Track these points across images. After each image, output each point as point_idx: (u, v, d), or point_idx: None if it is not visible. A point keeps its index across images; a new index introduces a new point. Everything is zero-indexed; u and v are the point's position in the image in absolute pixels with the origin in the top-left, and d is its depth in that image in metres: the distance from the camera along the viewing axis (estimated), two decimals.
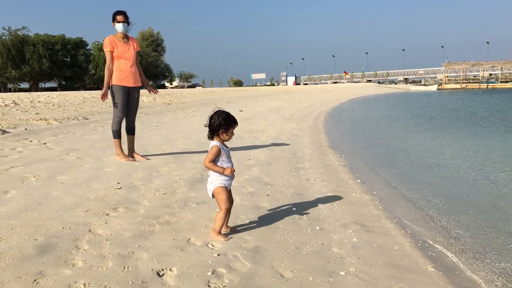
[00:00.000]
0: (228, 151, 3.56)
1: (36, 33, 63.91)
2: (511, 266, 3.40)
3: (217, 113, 3.48)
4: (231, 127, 3.46)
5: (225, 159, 3.51)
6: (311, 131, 12.35)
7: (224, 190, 3.50)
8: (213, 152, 3.45)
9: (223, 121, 3.43)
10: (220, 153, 3.47)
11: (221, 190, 3.49)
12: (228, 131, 3.46)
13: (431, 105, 27.88)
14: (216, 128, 3.45)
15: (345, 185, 5.76)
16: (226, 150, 3.53)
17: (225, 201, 3.49)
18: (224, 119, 3.43)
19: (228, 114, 3.49)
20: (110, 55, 6.24)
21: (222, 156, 3.49)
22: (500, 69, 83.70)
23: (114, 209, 4.16)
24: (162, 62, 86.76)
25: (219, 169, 3.46)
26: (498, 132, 12.41)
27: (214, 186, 3.51)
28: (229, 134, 3.48)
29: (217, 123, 3.43)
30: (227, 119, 3.45)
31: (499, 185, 6.06)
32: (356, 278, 2.95)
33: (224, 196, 3.49)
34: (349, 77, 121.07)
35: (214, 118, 3.46)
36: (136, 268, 2.89)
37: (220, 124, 3.43)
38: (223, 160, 3.51)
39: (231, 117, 3.49)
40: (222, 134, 3.46)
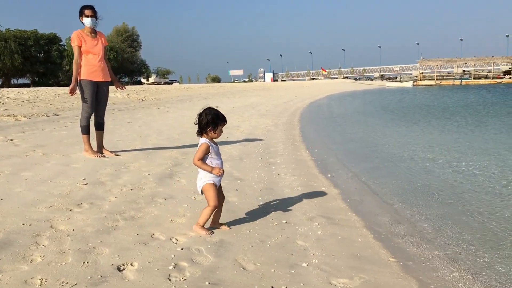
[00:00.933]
0: (217, 148, 3.55)
1: (7, 28, 62.44)
2: (470, 258, 3.49)
3: (205, 111, 3.47)
4: (219, 125, 3.46)
5: (214, 156, 3.51)
6: (286, 127, 12.40)
7: (212, 187, 3.49)
8: (201, 149, 3.45)
9: (211, 119, 3.42)
10: (209, 150, 3.47)
11: (209, 187, 3.49)
12: (216, 129, 3.46)
13: (406, 101, 28.31)
14: (204, 126, 3.44)
15: (315, 180, 5.81)
16: (215, 147, 3.53)
17: (213, 198, 3.48)
18: (212, 117, 3.43)
19: (216, 112, 3.48)
20: (78, 49, 6.14)
21: (211, 153, 3.49)
22: (473, 65, 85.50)
23: (78, 205, 4.10)
24: (138, 58, 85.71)
25: (207, 168, 3.46)
26: (467, 126, 12.68)
27: (203, 183, 3.51)
28: (217, 132, 3.47)
29: (205, 121, 3.43)
30: (215, 118, 3.44)
31: (464, 178, 6.20)
32: (318, 269, 2.98)
33: (213, 193, 3.48)
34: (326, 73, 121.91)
35: (202, 116, 3.45)
36: (96, 263, 2.87)
37: (208, 122, 3.42)
38: (212, 157, 3.50)
39: (220, 115, 3.48)
40: (210, 132, 3.46)
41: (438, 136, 10.95)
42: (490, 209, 4.71)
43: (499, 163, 7.14)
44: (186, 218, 3.90)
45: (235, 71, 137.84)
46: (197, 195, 4.66)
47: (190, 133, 9.65)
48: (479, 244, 3.77)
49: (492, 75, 79.42)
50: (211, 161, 3.50)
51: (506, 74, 79.05)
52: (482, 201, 5.03)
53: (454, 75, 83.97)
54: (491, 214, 4.55)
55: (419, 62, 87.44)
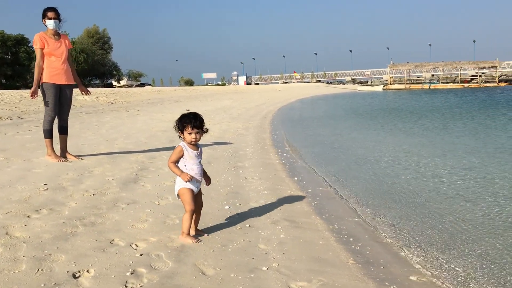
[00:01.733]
0: (194, 153, 3.46)
1: None
2: (428, 260, 3.57)
3: (180, 117, 3.42)
4: (186, 128, 3.37)
5: (188, 161, 3.45)
6: (257, 131, 12.44)
7: (188, 192, 3.44)
8: (175, 152, 3.42)
9: (177, 123, 3.39)
10: (182, 154, 3.42)
11: (185, 192, 3.44)
12: (183, 133, 3.39)
13: (375, 105, 28.80)
14: (177, 131, 3.41)
15: (282, 183, 5.84)
16: (192, 152, 3.44)
17: (188, 203, 3.43)
18: (178, 120, 3.39)
19: (184, 115, 3.41)
20: (40, 52, 6.01)
21: (185, 157, 3.43)
22: (442, 70, 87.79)
23: (36, 211, 4.00)
24: (109, 60, 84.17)
25: (177, 172, 3.42)
26: (432, 129, 12.98)
27: (179, 187, 3.47)
28: (189, 136, 3.38)
29: (175, 125, 3.41)
30: (179, 120, 3.39)
31: (427, 181, 6.34)
32: (277, 273, 3.00)
33: (188, 198, 3.43)
34: (299, 77, 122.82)
35: (175, 121, 3.43)
36: (51, 270, 2.80)
37: (176, 127, 3.40)
38: (186, 161, 3.45)
39: (183, 117, 3.40)
40: (182, 135, 3.41)
41: (404, 139, 11.18)
42: (451, 212, 4.83)
43: (462, 166, 7.34)
44: (148, 224, 3.86)
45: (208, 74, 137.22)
46: (161, 200, 4.62)
47: (158, 137, 9.56)
48: (438, 246, 3.86)
49: (460, 80, 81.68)
50: (185, 165, 3.45)
51: (472, 79, 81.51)
52: (444, 204, 5.16)
53: (423, 80, 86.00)
54: (452, 216, 4.67)
55: (389, 66, 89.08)
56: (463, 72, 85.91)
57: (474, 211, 4.85)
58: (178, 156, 3.43)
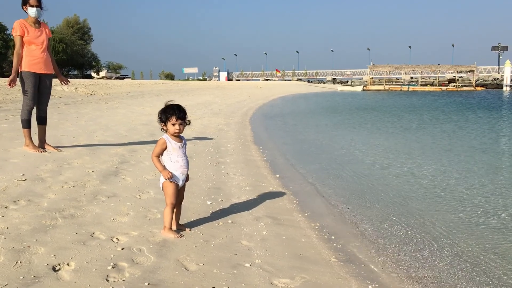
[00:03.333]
0: (179, 145, 3.43)
1: None
2: (408, 259, 3.62)
3: (165, 107, 3.37)
4: (169, 119, 3.33)
5: (173, 153, 3.41)
6: (238, 127, 12.42)
7: (172, 185, 3.41)
8: (158, 144, 3.39)
9: (161, 114, 3.34)
10: (165, 146, 3.38)
11: (169, 185, 3.41)
12: (167, 124, 3.35)
13: (355, 105, 29.06)
14: (160, 123, 3.37)
15: (264, 180, 5.84)
16: (176, 144, 3.41)
17: (170, 196, 3.41)
18: (161, 111, 3.34)
19: (168, 106, 3.36)
20: (20, 39, 5.86)
21: (168, 149, 3.40)
22: (421, 72, 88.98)
23: (14, 201, 3.91)
24: (88, 51, 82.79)
25: (159, 167, 3.38)
26: (410, 130, 13.17)
27: (163, 180, 3.43)
28: (172, 127, 3.34)
29: (158, 118, 3.36)
30: (162, 111, 3.35)
31: (406, 180, 6.43)
32: (260, 269, 3.00)
33: (171, 191, 3.40)
34: (280, 74, 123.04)
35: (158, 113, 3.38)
36: (30, 263, 2.74)
37: (160, 117, 3.35)
38: (170, 154, 3.41)
39: (167, 108, 3.36)
40: (164, 127, 3.37)
41: (383, 139, 11.31)
42: (430, 210, 4.92)
43: (440, 166, 7.47)
44: (129, 217, 3.81)
45: (189, 69, 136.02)
46: (142, 194, 4.57)
47: (139, 130, 9.46)
48: (417, 244, 3.92)
49: (438, 83, 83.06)
50: (170, 157, 3.42)
51: (450, 82, 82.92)
52: (423, 203, 5.24)
53: (402, 81, 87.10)
54: (431, 215, 4.74)
55: (370, 67, 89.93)
56: (441, 75, 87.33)
57: (452, 210, 4.94)
58: (161, 149, 3.40)
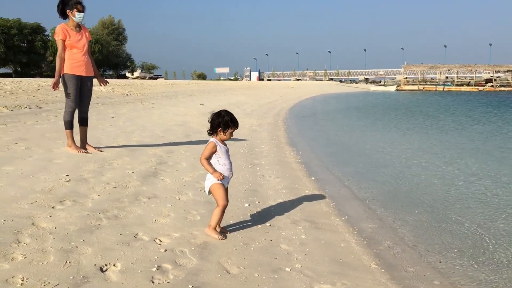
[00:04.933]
0: (225, 149, 3.59)
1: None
2: (450, 266, 3.55)
3: (219, 113, 3.54)
4: (230, 128, 3.51)
5: (221, 156, 3.55)
6: (271, 128, 12.44)
7: (221, 187, 3.52)
8: (208, 148, 3.51)
9: (223, 122, 3.49)
10: (215, 150, 3.52)
11: (218, 187, 3.51)
12: (226, 131, 3.52)
13: (389, 105, 28.62)
14: (216, 126, 3.51)
15: (299, 183, 5.83)
16: (224, 148, 3.57)
17: (222, 198, 3.51)
18: (225, 120, 3.49)
19: (229, 116, 3.53)
20: (62, 43, 6.05)
21: (218, 153, 3.53)
22: (456, 72, 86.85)
23: (60, 202, 4.04)
24: (123, 51, 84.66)
25: (209, 169, 3.51)
26: (449, 132, 12.87)
27: (211, 183, 3.53)
28: (227, 134, 3.53)
29: (217, 122, 3.50)
30: (227, 121, 3.50)
31: (445, 185, 6.30)
32: (301, 274, 3.00)
33: (221, 193, 3.51)
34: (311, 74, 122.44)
35: (215, 116, 3.52)
36: (78, 263, 2.83)
37: (220, 123, 3.49)
38: (219, 157, 3.54)
39: (233, 119, 3.54)
40: (220, 132, 3.52)
41: (417, 140, 11.10)
42: (471, 217, 4.81)
43: (479, 169, 7.27)
44: (170, 219, 3.88)
45: (221, 69, 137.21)
46: (181, 195, 4.65)
47: (174, 131, 9.60)
48: (459, 252, 3.84)
49: (474, 83, 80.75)
50: (218, 160, 3.55)
51: (487, 82, 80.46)
52: (463, 208, 5.12)
53: (437, 81, 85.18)
54: (472, 222, 4.64)
55: (403, 67, 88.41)
56: (477, 75, 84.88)
57: (495, 217, 4.81)
58: (211, 152, 3.52)
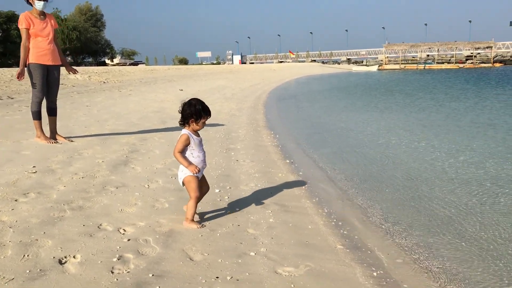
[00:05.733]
0: (199, 140, 3.49)
1: None
2: (415, 243, 3.59)
3: (190, 102, 3.39)
4: (202, 117, 3.40)
5: (195, 148, 3.45)
6: (250, 111, 12.38)
7: (194, 179, 3.45)
8: (181, 141, 3.39)
9: (194, 111, 3.36)
10: (188, 142, 3.41)
11: (191, 179, 3.44)
12: (198, 121, 3.40)
13: (370, 85, 28.71)
14: (187, 117, 3.38)
15: (273, 166, 5.82)
16: (197, 139, 3.47)
17: (194, 190, 3.44)
18: (196, 109, 3.36)
19: (201, 105, 3.40)
20: (26, 32, 5.90)
21: (191, 145, 3.43)
22: (437, 50, 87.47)
23: (24, 194, 3.96)
24: (102, 38, 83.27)
25: (184, 163, 3.41)
26: (424, 110, 12.97)
27: (185, 175, 3.46)
28: (199, 124, 3.42)
29: (188, 112, 3.36)
30: (199, 110, 3.37)
31: (419, 163, 6.35)
32: (265, 258, 3.00)
33: (194, 185, 3.44)
34: (294, 56, 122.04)
35: (185, 106, 3.39)
36: (37, 256, 2.78)
37: (191, 113, 3.36)
38: (192, 149, 3.45)
39: (204, 108, 3.41)
40: (192, 123, 3.40)
41: (396, 120, 11.16)
42: (440, 195, 4.85)
43: (453, 147, 7.35)
44: (137, 208, 3.84)
45: (203, 53, 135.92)
46: (150, 183, 4.60)
47: (150, 118, 9.49)
48: (426, 229, 3.88)
49: (455, 60, 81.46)
50: (192, 153, 3.46)
51: (467, 59, 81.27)
52: (434, 187, 5.16)
53: (418, 60, 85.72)
54: (441, 200, 4.68)
55: (385, 46, 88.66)
56: (458, 52, 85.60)
57: (463, 195, 4.86)
58: (184, 145, 3.42)
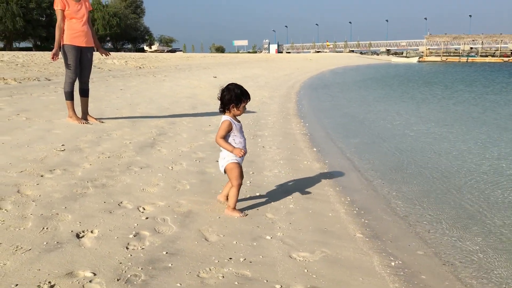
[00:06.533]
0: (240, 125, 3.43)
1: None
2: (438, 236, 3.46)
3: (228, 87, 3.34)
4: (242, 102, 3.33)
5: (237, 134, 3.39)
6: (282, 100, 12.30)
7: (236, 166, 3.39)
8: (223, 127, 3.33)
9: (234, 96, 3.29)
10: (231, 128, 3.35)
11: (234, 166, 3.39)
12: (239, 106, 3.33)
13: (408, 77, 27.98)
14: (227, 103, 3.32)
15: (299, 153, 5.76)
16: (238, 124, 3.40)
17: (237, 177, 3.39)
18: (236, 93, 3.30)
19: (240, 89, 3.34)
20: (61, 13, 6.01)
21: (233, 131, 3.37)
22: (481, 43, 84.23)
23: (50, 170, 4.06)
24: (141, 25, 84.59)
25: (229, 147, 3.34)
26: (462, 104, 12.54)
27: (227, 162, 3.40)
28: (240, 109, 3.35)
29: (228, 97, 3.30)
30: (238, 94, 3.30)
31: (450, 156, 6.14)
32: (281, 242, 2.96)
33: (237, 173, 3.39)
34: (331, 46, 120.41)
35: (225, 92, 3.33)
36: (55, 229, 2.84)
37: (231, 98, 3.30)
38: (234, 135, 3.39)
39: (243, 92, 3.34)
40: (233, 108, 3.34)
41: (431, 112, 10.83)
42: (470, 189, 4.67)
43: (488, 143, 7.07)
44: (158, 188, 3.87)
45: (239, 42, 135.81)
46: (174, 165, 4.63)
47: (181, 103, 9.57)
48: (451, 222, 3.74)
49: (500, 53, 78.26)
50: (234, 139, 3.39)
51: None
52: (463, 181, 4.98)
53: (461, 52, 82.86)
54: (470, 194, 4.51)
55: (426, 37, 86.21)
56: (503, 45, 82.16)
57: (493, 190, 4.66)
58: (227, 131, 3.34)
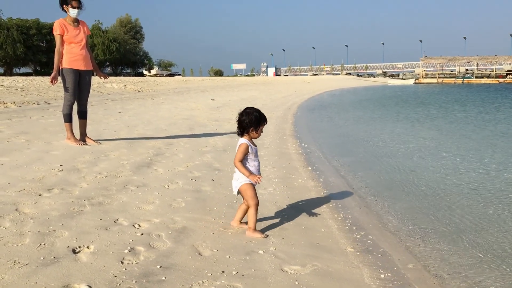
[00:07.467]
0: (255, 149, 3.50)
1: (9, 17, 62.36)
2: (427, 250, 3.53)
3: (246, 111, 3.43)
4: (260, 125, 3.43)
5: (252, 158, 3.47)
6: (278, 121, 12.44)
7: (251, 186, 3.45)
8: (241, 150, 3.40)
9: (254, 120, 3.39)
10: (248, 151, 3.42)
11: (247, 187, 3.45)
12: (258, 129, 3.43)
13: (404, 98, 28.24)
14: (246, 126, 3.41)
15: (294, 172, 5.84)
16: (254, 148, 3.48)
17: (252, 198, 3.44)
18: (255, 117, 3.39)
19: (259, 112, 3.44)
20: (60, 38, 6.18)
21: (249, 154, 3.45)
22: (476, 64, 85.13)
23: (48, 190, 4.14)
24: (140, 49, 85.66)
25: (246, 172, 3.39)
26: (456, 124, 12.68)
27: (241, 183, 3.46)
28: (258, 132, 3.45)
29: (247, 121, 3.39)
30: (257, 118, 3.40)
31: (442, 174, 6.23)
32: (273, 256, 3.03)
33: (252, 193, 3.45)
34: (328, 69, 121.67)
35: (244, 115, 3.41)
36: (52, 245, 2.91)
37: (251, 122, 3.39)
38: (250, 159, 3.46)
39: (262, 116, 3.45)
40: (252, 132, 3.43)
41: (426, 132, 10.97)
42: (461, 205, 4.75)
43: (480, 161, 7.17)
44: (154, 206, 3.95)
45: (238, 65, 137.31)
46: (170, 184, 4.71)
47: (179, 124, 9.69)
48: (441, 237, 3.81)
49: (495, 75, 79.07)
50: (249, 162, 3.46)
51: (508, 74, 78.67)
52: (455, 197, 5.07)
53: (457, 74, 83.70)
54: (462, 210, 4.59)
55: (422, 59, 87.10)
56: (498, 67, 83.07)
57: (482, 206, 4.74)
58: (245, 154, 3.41)
